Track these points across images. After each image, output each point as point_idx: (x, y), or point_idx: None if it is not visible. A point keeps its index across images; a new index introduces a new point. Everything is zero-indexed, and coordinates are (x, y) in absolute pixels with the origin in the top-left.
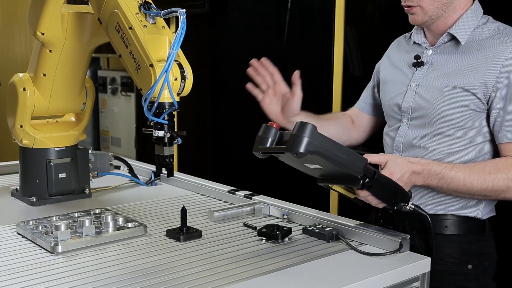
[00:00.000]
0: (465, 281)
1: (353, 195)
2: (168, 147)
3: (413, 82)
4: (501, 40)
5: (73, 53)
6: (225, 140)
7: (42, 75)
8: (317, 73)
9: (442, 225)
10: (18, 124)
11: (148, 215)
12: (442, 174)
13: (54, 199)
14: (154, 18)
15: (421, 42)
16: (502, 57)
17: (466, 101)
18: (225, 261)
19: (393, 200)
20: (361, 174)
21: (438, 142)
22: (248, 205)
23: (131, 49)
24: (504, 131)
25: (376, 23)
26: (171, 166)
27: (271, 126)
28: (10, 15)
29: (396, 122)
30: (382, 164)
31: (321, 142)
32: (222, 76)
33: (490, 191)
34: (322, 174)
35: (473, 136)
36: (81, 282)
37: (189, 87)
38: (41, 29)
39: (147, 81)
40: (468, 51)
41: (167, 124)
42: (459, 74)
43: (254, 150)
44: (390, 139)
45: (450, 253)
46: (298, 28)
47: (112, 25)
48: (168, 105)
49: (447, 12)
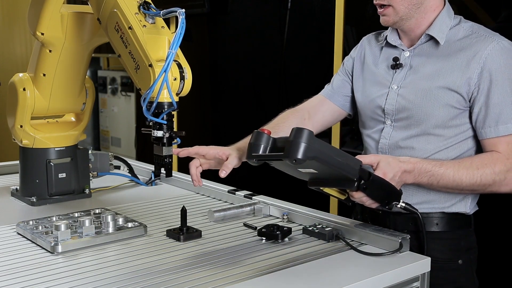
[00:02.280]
0: (456, 276)
1: (344, 196)
2: (167, 147)
3: (394, 84)
4: (478, 40)
5: (73, 53)
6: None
7: (42, 75)
8: (317, 73)
9: (432, 223)
10: (18, 124)
11: (148, 215)
12: (432, 171)
13: (54, 199)
14: (153, 18)
15: (397, 44)
16: (482, 56)
17: (451, 100)
18: (225, 261)
19: (386, 200)
20: (356, 177)
21: (424, 141)
22: (248, 205)
23: (130, 49)
24: (488, 127)
25: (376, 23)
26: (170, 166)
27: (262, 132)
28: (10, 15)
29: (378, 123)
30: (374, 164)
31: (319, 147)
32: (222, 76)
33: (479, 185)
34: (313, 177)
35: (458, 133)
36: (81, 282)
37: (188, 87)
38: (40, 29)
39: (146, 81)
40: (447, 51)
41: (166, 124)
42: (441, 74)
43: (247, 157)
44: (373, 141)
45: (442, 250)
46: (298, 28)
47: (112, 25)
48: (167, 105)
49: (418, 14)
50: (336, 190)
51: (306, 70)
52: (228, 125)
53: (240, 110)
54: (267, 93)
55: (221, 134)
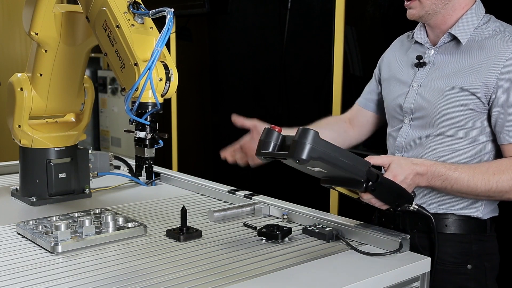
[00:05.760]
0: (464, 281)
1: (357, 195)
2: (149, 149)
3: (415, 83)
4: (502, 40)
5: (68, 54)
6: (225, 140)
7: (39, 75)
8: (317, 73)
9: (442, 224)
10: (16, 124)
11: (148, 215)
12: (446, 175)
13: (54, 199)
14: (142, 18)
15: (423, 41)
16: (503, 58)
17: (467, 101)
18: (225, 261)
19: (397, 202)
20: (364, 178)
21: (439, 142)
22: (248, 205)
23: (117, 48)
24: (507, 132)
25: (376, 23)
26: (151, 169)
27: (273, 130)
28: (10, 15)
29: (398, 122)
30: (385, 166)
31: (323, 147)
32: (222, 76)
33: (494, 192)
34: (325, 176)
35: (475, 136)
36: (81, 282)
37: (173, 89)
38: (34, 29)
39: (131, 80)
40: (469, 51)
41: (149, 125)
42: (460, 74)
43: (256, 154)
44: (392, 139)
45: (450, 253)
46: (298, 28)
47: (100, 23)
48: (151, 105)
49: (446, 10)
50: (347, 189)
51: (306, 70)
52: (228, 125)
53: (240, 110)
54: (267, 93)
55: (221, 134)
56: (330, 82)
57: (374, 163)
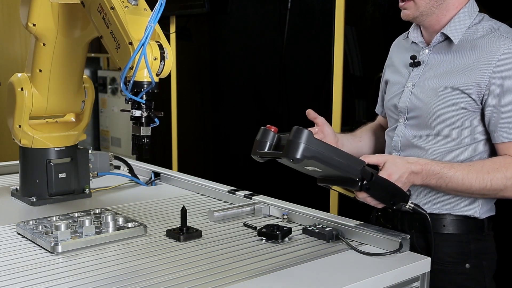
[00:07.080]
0: (463, 280)
1: (353, 194)
2: (145, 127)
3: (410, 82)
4: (494, 39)
5: (67, 46)
6: (225, 140)
7: (38, 71)
8: (317, 73)
9: (440, 224)
10: (17, 124)
11: (148, 215)
12: (441, 173)
13: (54, 199)
14: (136, 0)
15: (417, 41)
16: (495, 57)
17: (460, 101)
18: (225, 261)
19: (392, 200)
20: (358, 177)
21: (434, 141)
22: (248, 205)
23: (112, 29)
24: (500, 131)
25: (376, 23)
26: (147, 147)
27: (269, 130)
28: (10, 15)
29: (395, 122)
30: (380, 165)
31: (317, 147)
32: (222, 76)
33: (489, 190)
34: (321, 175)
35: (469, 135)
36: (81, 282)
37: (168, 68)
38: (32, 19)
39: (126, 59)
40: (461, 50)
41: (145, 104)
42: (453, 74)
43: (252, 153)
44: (389, 138)
45: (448, 252)
46: (298, 28)
47: (95, 7)
48: (147, 84)
49: (440, 10)
50: (344, 188)
51: (306, 70)
52: (228, 125)
53: (240, 110)
54: (267, 93)
55: (221, 134)
56: (330, 82)
57: (369, 162)
